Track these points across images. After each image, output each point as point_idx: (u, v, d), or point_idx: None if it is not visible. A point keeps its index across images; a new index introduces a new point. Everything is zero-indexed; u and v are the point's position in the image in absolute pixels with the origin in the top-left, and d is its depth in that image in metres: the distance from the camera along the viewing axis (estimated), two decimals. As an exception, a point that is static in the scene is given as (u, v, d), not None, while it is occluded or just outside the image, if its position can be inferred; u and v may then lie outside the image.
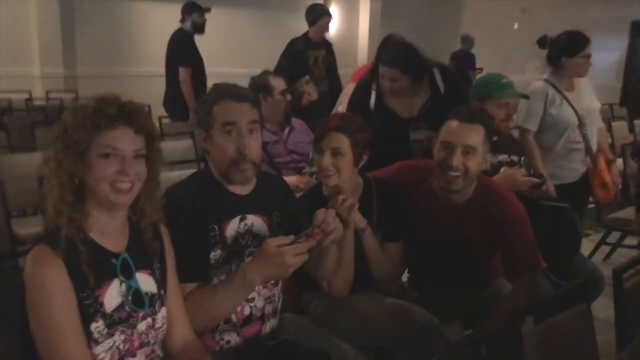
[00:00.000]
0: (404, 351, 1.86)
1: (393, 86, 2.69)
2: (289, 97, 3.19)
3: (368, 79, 2.84)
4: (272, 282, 1.72)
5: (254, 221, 1.72)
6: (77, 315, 1.26)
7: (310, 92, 4.17)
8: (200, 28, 5.26)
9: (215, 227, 1.65)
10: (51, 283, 1.24)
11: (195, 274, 1.61)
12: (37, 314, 1.25)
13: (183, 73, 5.09)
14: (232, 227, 1.67)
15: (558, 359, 1.48)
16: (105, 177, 1.31)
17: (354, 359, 1.81)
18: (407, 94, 2.74)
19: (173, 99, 5.23)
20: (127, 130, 1.33)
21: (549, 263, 2.19)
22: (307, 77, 4.33)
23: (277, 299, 1.79)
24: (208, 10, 5.34)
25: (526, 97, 2.98)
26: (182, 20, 5.27)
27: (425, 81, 2.75)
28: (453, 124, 2.04)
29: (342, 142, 1.94)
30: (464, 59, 8.56)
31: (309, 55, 4.70)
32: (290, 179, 2.85)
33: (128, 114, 1.33)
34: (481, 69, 8.33)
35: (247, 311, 1.69)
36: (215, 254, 1.64)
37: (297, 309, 2.04)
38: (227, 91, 1.67)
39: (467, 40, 8.77)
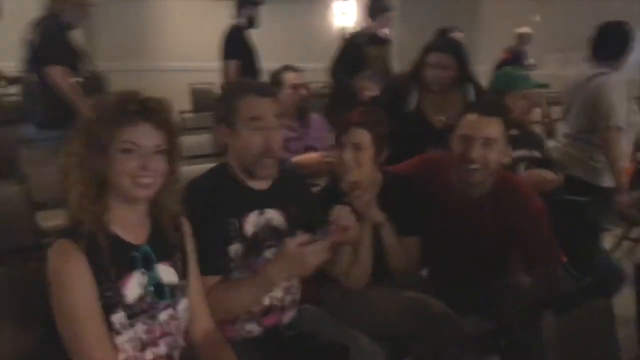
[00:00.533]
0: (421, 343, 1.86)
1: (442, 75, 2.65)
2: (303, 91, 3.17)
3: (406, 79, 2.82)
4: None
5: (273, 216, 1.74)
6: (99, 306, 1.29)
7: (370, 87, 4.03)
8: (253, 22, 5.08)
9: (235, 220, 1.66)
10: (73, 276, 1.27)
11: (216, 267, 1.63)
12: (60, 306, 1.28)
13: (231, 67, 4.91)
14: (251, 221, 1.69)
15: (578, 352, 1.47)
16: (126, 172, 1.33)
17: (371, 350, 1.82)
18: (444, 96, 2.69)
19: None
20: (147, 126, 1.35)
21: (569, 258, 2.17)
22: (368, 72, 4.22)
23: (296, 290, 1.81)
24: (262, 2, 5.16)
25: (545, 86, 2.93)
26: (237, 16, 5.09)
27: (460, 93, 2.73)
28: (471, 117, 2.03)
29: (364, 136, 1.96)
30: (513, 55, 8.48)
31: (368, 50, 4.52)
32: (312, 156, 2.86)
33: (149, 110, 1.35)
34: (534, 65, 8.21)
35: (267, 301, 1.71)
36: (234, 248, 1.66)
37: (315, 300, 2.05)
38: (249, 86, 1.70)
39: (522, 37, 8.65)
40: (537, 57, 8.85)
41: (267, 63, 4.50)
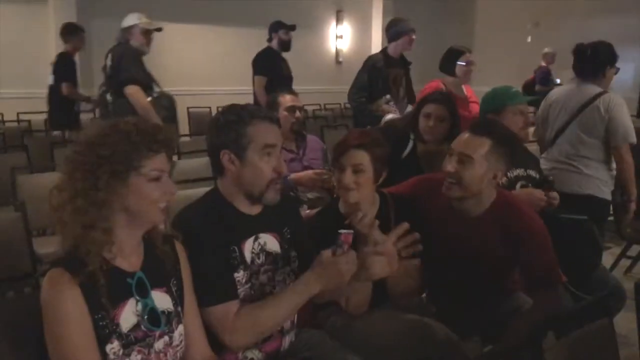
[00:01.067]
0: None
1: (437, 127, 2.79)
2: (297, 114, 3.17)
3: (405, 128, 2.96)
4: None
5: (267, 240, 1.73)
6: (93, 337, 1.27)
7: (390, 111, 4.11)
8: (286, 45, 5.34)
9: (236, 248, 1.66)
10: (67, 307, 1.25)
11: (233, 291, 1.61)
12: (53, 337, 1.26)
13: (257, 81, 5.20)
14: (248, 247, 1.69)
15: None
16: (157, 199, 1.35)
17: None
18: (438, 145, 2.81)
19: None
20: (165, 154, 1.38)
21: (569, 276, 2.16)
22: (388, 96, 4.25)
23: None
24: (293, 28, 5.39)
25: (537, 100, 2.96)
26: (270, 40, 5.37)
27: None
28: (465, 134, 2.06)
29: (363, 158, 1.96)
30: (538, 75, 8.58)
31: (388, 73, 4.47)
32: (307, 173, 2.89)
33: (170, 140, 1.38)
34: (559, 84, 8.27)
35: (293, 316, 1.70)
36: (238, 275, 1.65)
37: (312, 324, 2.03)
38: (259, 113, 1.68)
39: (546, 56, 8.74)
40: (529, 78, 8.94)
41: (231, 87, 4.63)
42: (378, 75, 4.40)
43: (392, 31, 4.50)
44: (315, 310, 2.04)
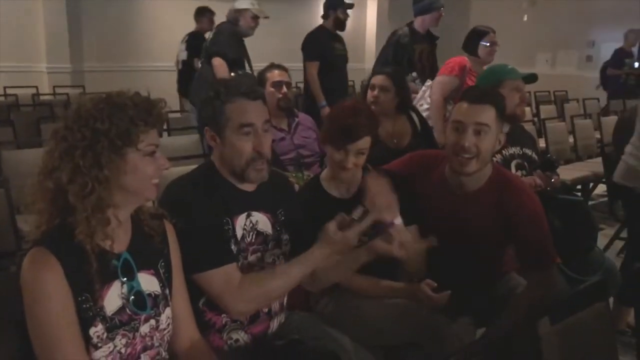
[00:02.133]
0: (414, 352, 1.81)
1: (380, 97, 2.92)
2: (284, 89, 3.07)
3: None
4: None
5: (259, 219, 1.68)
6: (75, 320, 1.22)
7: (416, 90, 3.97)
8: (342, 24, 4.83)
9: (229, 220, 1.61)
10: (48, 288, 1.19)
11: (228, 256, 1.57)
12: (33, 319, 1.20)
13: (308, 67, 4.66)
14: (240, 223, 1.64)
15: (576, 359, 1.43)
16: (152, 175, 1.31)
17: (363, 358, 1.76)
18: (394, 120, 2.97)
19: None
20: (157, 129, 1.34)
21: (564, 258, 2.13)
22: (414, 74, 4.14)
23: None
24: (351, 5, 4.87)
25: (534, 77, 2.87)
26: (325, 17, 4.82)
27: (405, 117, 3.05)
28: (463, 105, 1.98)
29: (367, 143, 1.92)
30: (613, 56, 8.43)
31: (414, 49, 4.29)
32: None
33: (161, 115, 1.34)
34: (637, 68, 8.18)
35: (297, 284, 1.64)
36: (231, 248, 1.61)
37: (304, 307, 2.00)
38: (238, 88, 1.60)
39: (626, 37, 8.57)
40: (526, 57, 8.87)
41: (255, 64, 4.48)
42: (403, 52, 4.24)
43: (421, 5, 4.29)
44: (307, 293, 2.00)
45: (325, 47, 4.72)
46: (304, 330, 1.79)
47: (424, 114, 3.45)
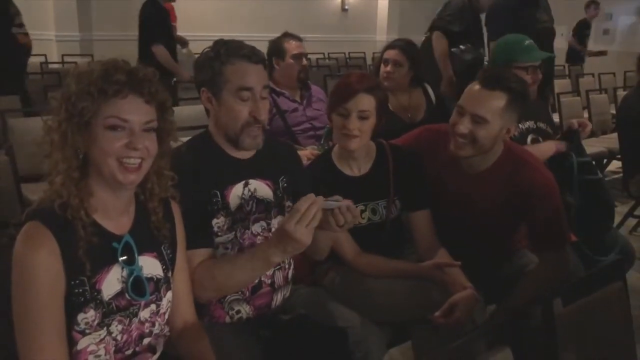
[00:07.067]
0: (422, 328, 1.78)
1: (394, 72, 2.85)
2: (304, 61, 3.04)
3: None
4: None
5: (257, 186, 1.63)
6: (61, 306, 1.15)
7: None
8: None
9: (218, 192, 1.56)
10: (40, 268, 1.12)
11: (204, 239, 1.53)
12: (18, 298, 1.14)
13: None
14: (236, 193, 1.59)
15: (592, 339, 1.38)
16: (112, 151, 1.18)
17: (370, 334, 1.73)
18: (409, 94, 2.93)
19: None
20: (137, 99, 1.20)
21: (582, 236, 2.08)
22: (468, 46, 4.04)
23: (287, 266, 1.71)
24: None
25: (550, 56, 2.74)
26: None
27: (420, 90, 3.00)
28: (475, 87, 1.90)
29: (370, 104, 1.84)
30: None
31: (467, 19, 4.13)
32: (304, 152, 2.77)
33: (139, 82, 1.20)
34: None
35: (256, 279, 1.61)
36: (218, 221, 1.56)
37: (310, 281, 1.96)
38: (239, 50, 1.54)
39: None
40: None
41: (267, 34, 4.39)
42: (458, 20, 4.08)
43: None
44: (313, 267, 1.97)
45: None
46: (311, 306, 1.76)
47: None
